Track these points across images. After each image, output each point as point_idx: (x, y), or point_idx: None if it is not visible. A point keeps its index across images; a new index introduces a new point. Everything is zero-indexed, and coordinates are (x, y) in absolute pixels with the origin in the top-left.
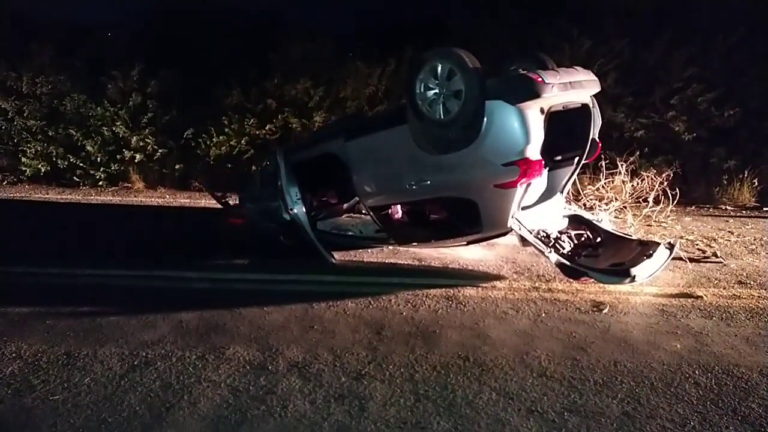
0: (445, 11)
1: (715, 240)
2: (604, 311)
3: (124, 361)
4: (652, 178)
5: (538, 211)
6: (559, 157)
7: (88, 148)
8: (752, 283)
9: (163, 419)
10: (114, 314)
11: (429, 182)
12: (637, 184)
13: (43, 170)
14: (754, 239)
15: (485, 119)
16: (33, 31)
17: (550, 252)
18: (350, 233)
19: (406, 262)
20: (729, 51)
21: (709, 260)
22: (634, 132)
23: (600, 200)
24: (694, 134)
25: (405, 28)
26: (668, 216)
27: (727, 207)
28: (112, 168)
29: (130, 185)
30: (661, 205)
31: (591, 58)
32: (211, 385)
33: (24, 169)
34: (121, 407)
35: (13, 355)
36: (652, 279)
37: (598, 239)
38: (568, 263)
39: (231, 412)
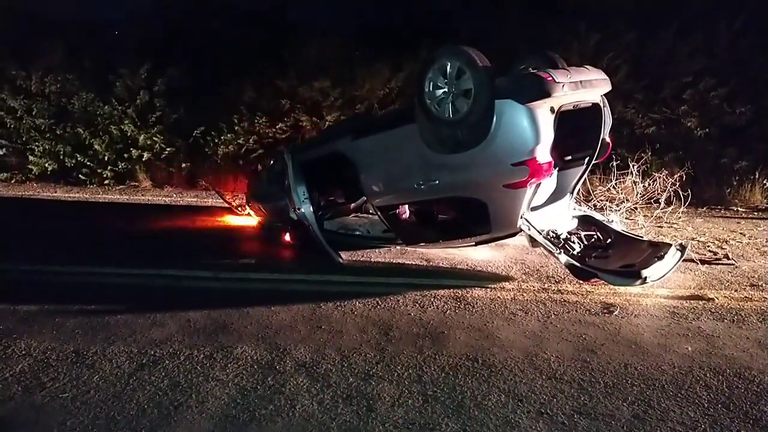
0: (452, 10)
1: (726, 242)
2: (614, 313)
3: (133, 360)
4: (663, 179)
5: (548, 211)
6: (569, 157)
7: (96, 146)
8: (764, 285)
9: (172, 418)
10: (122, 312)
11: (437, 182)
12: (649, 184)
13: (50, 169)
14: (766, 241)
15: (495, 118)
16: (42, 30)
17: (560, 253)
18: (358, 233)
19: (413, 263)
20: (735, 37)
21: (720, 262)
22: (645, 128)
23: (611, 201)
24: (706, 130)
25: (414, 29)
26: (679, 217)
27: (739, 208)
28: (120, 167)
29: (137, 184)
30: (672, 206)
31: (600, 53)
32: (219, 384)
33: (31, 167)
34: (130, 405)
35: (23, 352)
36: (663, 281)
37: (609, 240)
38: (578, 264)
39: (239, 412)
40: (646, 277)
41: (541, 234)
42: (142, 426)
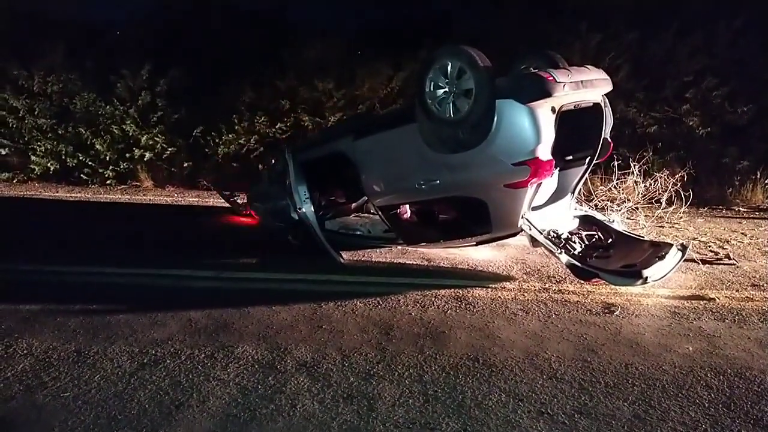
0: (452, 10)
1: (728, 241)
2: (615, 313)
3: (134, 359)
4: (665, 179)
5: (549, 211)
6: (570, 157)
7: (98, 146)
8: (765, 285)
9: (173, 417)
10: (123, 312)
11: (438, 182)
12: (650, 184)
13: (52, 168)
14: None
15: (495, 118)
16: (44, 30)
17: (561, 253)
18: (358, 233)
19: (414, 263)
20: (735, 37)
21: (721, 262)
22: (646, 128)
23: (612, 201)
24: (708, 129)
25: (414, 29)
26: (681, 217)
27: (740, 208)
28: (121, 166)
29: (138, 184)
30: (673, 206)
31: (601, 53)
32: (220, 384)
33: (33, 167)
34: (131, 405)
35: (25, 351)
36: (664, 281)
37: (610, 240)
38: (578, 264)
39: (240, 411)
40: (647, 277)
41: (542, 234)
42: (143, 425)
